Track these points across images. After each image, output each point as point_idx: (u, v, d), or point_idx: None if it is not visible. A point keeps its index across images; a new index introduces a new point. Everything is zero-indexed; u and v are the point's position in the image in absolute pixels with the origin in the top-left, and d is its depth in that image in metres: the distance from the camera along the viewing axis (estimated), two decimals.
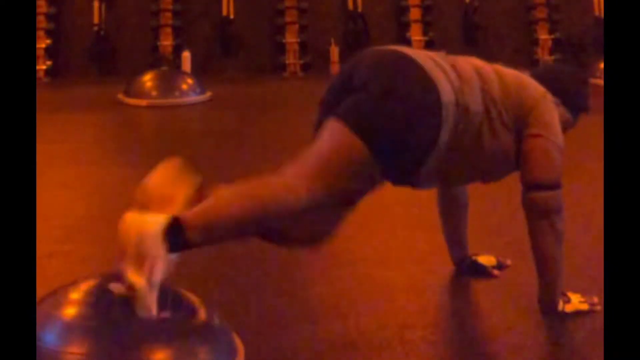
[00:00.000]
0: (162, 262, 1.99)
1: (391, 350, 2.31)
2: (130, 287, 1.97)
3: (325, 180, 2.13)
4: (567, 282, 2.53)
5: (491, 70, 2.41)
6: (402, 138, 2.15)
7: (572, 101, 2.56)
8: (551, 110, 2.45)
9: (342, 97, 2.24)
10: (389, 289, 2.80)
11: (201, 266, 2.89)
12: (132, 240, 1.98)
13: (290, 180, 2.14)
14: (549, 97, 2.47)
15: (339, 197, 2.21)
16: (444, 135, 2.20)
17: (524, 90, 2.43)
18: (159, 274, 1.98)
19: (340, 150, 2.15)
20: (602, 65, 6.36)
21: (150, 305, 1.98)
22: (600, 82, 5.55)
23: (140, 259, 1.97)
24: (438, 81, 2.19)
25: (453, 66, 2.30)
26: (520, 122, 2.39)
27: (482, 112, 2.30)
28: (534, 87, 2.48)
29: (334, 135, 2.17)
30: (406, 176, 2.31)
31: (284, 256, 3.03)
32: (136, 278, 1.96)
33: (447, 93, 2.20)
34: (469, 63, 2.39)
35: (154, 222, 2.00)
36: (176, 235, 2.00)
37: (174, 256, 2.04)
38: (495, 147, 2.36)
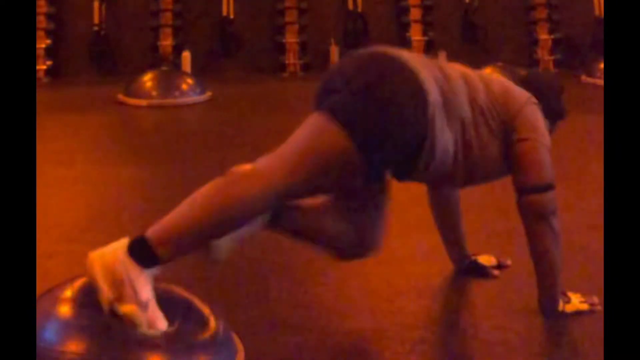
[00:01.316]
0: (140, 280, 1.95)
1: (391, 350, 2.31)
2: (127, 319, 1.93)
3: (303, 172, 2.07)
4: (567, 282, 2.53)
5: (476, 76, 2.41)
6: (387, 132, 2.11)
7: (550, 108, 2.57)
8: (536, 113, 2.46)
9: (328, 96, 2.22)
10: (389, 289, 2.79)
11: (200, 267, 2.89)
12: (101, 275, 1.94)
13: (261, 172, 2.08)
14: (533, 100, 2.48)
15: (315, 190, 2.19)
16: (436, 134, 2.19)
17: (509, 96, 2.43)
18: (144, 292, 1.95)
19: (321, 141, 2.10)
20: (602, 65, 6.35)
21: (152, 321, 1.95)
22: (600, 82, 5.61)
23: (119, 288, 1.94)
24: (425, 80, 2.18)
25: (441, 70, 2.30)
26: (507, 127, 2.39)
27: (470, 119, 2.30)
28: (519, 92, 2.49)
29: (315, 126, 2.13)
30: (404, 173, 2.30)
31: (283, 257, 3.03)
32: (125, 308, 1.93)
33: (433, 93, 2.18)
34: (455, 69, 2.39)
35: (115, 248, 1.98)
36: (143, 251, 1.97)
37: (152, 272, 2.00)
38: (482, 153, 2.35)
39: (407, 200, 3.86)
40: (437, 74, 2.25)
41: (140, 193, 2.71)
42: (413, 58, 2.26)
